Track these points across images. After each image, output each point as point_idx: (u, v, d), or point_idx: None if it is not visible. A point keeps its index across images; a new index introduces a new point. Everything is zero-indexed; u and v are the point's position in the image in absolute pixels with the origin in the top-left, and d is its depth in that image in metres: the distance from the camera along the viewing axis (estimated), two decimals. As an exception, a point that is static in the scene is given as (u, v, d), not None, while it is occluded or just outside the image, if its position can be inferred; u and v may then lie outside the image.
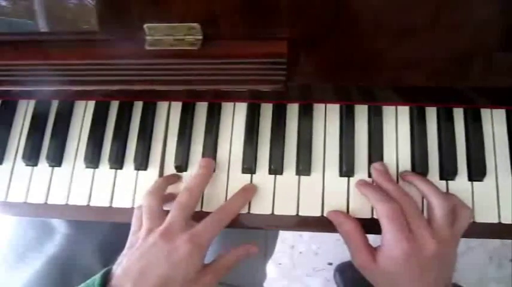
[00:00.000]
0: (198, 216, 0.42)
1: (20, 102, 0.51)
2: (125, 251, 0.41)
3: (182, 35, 0.38)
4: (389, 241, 0.39)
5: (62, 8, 0.40)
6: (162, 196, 0.44)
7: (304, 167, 0.45)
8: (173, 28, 0.37)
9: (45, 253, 0.56)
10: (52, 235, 0.57)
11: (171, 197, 0.46)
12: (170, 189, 0.46)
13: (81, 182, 0.48)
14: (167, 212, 0.41)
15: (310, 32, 0.38)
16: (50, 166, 0.48)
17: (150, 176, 0.47)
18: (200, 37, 0.38)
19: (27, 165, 0.49)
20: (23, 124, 0.50)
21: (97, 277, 0.39)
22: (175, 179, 0.47)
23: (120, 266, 0.39)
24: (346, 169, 0.45)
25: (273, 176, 0.46)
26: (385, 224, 0.39)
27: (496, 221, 0.43)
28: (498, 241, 0.97)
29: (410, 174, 0.45)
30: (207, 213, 0.42)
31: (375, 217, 0.44)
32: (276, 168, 0.46)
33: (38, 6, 0.40)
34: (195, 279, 0.38)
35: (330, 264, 1.03)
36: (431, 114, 0.47)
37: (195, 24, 0.37)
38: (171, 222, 0.40)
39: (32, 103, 0.51)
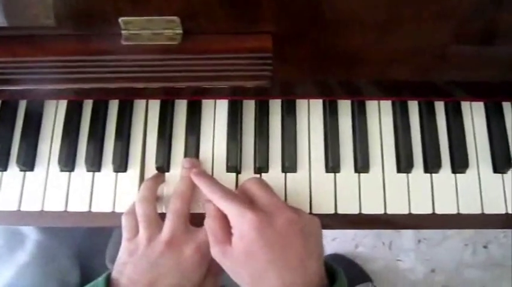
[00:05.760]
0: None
1: (-16, 103, 0.48)
2: (124, 259, 0.40)
3: (161, 29, 0.36)
4: (234, 219, 0.37)
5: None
6: (155, 200, 0.43)
7: (290, 164, 0.44)
8: (150, 22, 0.35)
9: (15, 263, 0.53)
10: (23, 242, 0.54)
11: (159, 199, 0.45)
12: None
13: (57, 187, 0.45)
14: (162, 216, 0.41)
15: (294, 26, 0.37)
16: (21, 170, 0.45)
17: (130, 178, 0.45)
18: (180, 31, 0.36)
19: (-5, 171, 0.46)
20: (-12, 127, 0.47)
21: (99, 284, 0.38)
22: (162, 178, 0.45)
23: (126, 276, 0.38)
24: (332, 164, 0.44)
25: (259, 174, 0.45)
26: (225, 206, 0.38)
27: (479, 211, 0.44)
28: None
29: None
30: (194, 214, 0.42)
31: (363, 212, 0.44)
32: (261, 166, 0.45)
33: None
34: (201, 283, 0.40)
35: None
36: (414, 108, 0.47)
37: (174, 18, 0.35)
38: (173, 230, 0.40)
39: (-3, 104, 0.48)
